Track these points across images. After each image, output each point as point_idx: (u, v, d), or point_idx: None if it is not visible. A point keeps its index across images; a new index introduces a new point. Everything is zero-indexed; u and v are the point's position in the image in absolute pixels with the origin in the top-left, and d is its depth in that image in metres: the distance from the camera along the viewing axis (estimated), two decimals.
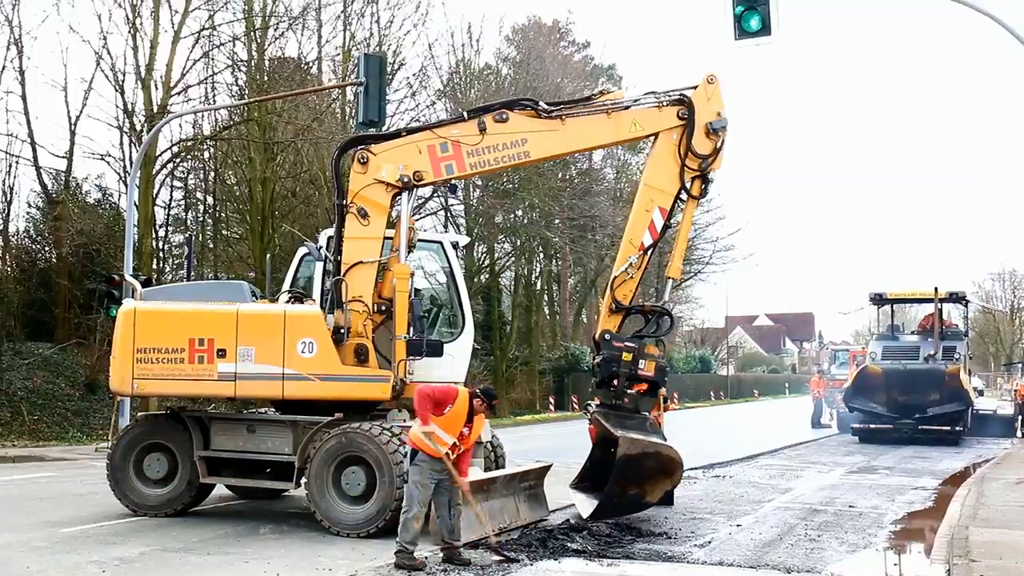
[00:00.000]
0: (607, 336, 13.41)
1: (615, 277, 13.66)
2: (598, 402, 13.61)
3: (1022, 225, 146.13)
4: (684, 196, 13.80)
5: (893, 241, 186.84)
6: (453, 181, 14.21)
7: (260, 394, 13.77)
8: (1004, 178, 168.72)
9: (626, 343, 13.33)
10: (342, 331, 13.13)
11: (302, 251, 14.92)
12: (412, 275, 13.42)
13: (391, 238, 13.67)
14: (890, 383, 30.68)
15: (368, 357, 13.17)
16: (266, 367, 13.11)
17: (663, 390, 14.17)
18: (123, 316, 13.65)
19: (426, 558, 10.62)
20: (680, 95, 13.71)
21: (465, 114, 13.92)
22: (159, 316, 13.62)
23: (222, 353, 13.18)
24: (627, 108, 13.83)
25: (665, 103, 13.75)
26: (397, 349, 13.10)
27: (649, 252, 13.75)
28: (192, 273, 16.15)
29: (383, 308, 13.42)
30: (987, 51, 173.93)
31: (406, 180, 13.43)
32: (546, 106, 13.78)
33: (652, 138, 13.95)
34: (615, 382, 13.30)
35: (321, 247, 14.27)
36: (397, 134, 14.12)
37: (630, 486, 12.92)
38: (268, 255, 23.44)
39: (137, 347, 13.41)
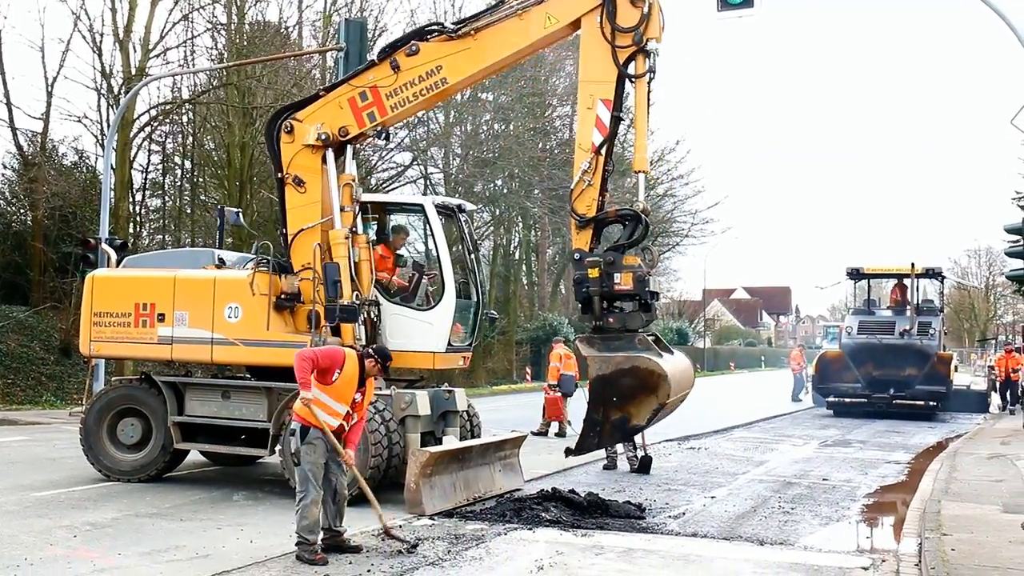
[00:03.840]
0: (577, 256, 12.09)
1: (572, 189, 12.42)
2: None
3: (998, 202, 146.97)
4: (630, 82, 12.15)
5: (870, 216, 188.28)
6: (379, 127, 13.55)
7: (192, 358, 14.06)
8: (981, 155, 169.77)
9: (591, 258, 11.90)
10: (283, 296, 13.25)
11: None
12: (351, 239, 13.32)
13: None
14: (865, 357, 30.96)
15: (320, 323, 13.19)
16: (198, 331, 13.58)
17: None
18: (87, 282, 14.53)
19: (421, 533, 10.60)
20: None
21: (375, 58, 13.43)
22: (111, 282, 14.45)
23: (161, 317, 13.79)
24: (540, 3, 12.55)
25: None
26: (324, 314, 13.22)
27: (603, 151, 12.08)
28: (222, 244, 16.30)
29: None
30: (968, 28, 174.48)
31: (325, 138, 13.29)
32: (453, 25, 12.99)
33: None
34: (594, 304, 11.89)
35: (239, 211, 15.04)
36: (316, 96, 13.85)
37: (612, 410, 11.66)
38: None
39: (94, 311, 14.17)
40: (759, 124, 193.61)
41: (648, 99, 12.23)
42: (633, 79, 12.09)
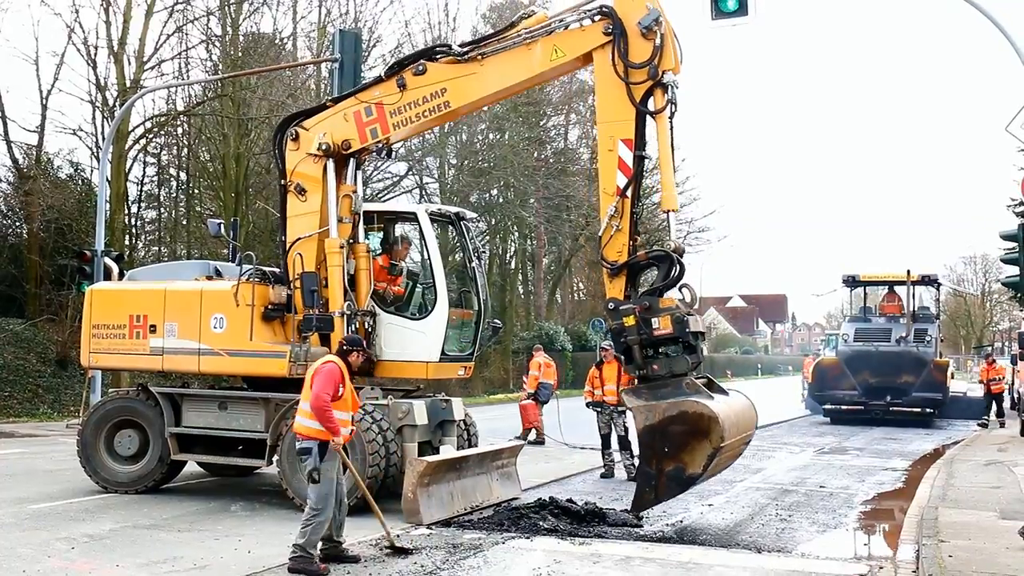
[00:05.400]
0: (611, 306, 11.61)
1: (600, 237, 11.90)
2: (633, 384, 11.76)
3: (993, 210, 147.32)
4: (650, 118, 11.78)
5: (866, 224, 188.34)
6: (380, 144, 13.53)
7: (182, 368, 14.22)
8: (977, 162, 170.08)
9: (625, 306, 11.45)
10: (270, 307, 13.31)
11: None
12: (347, 248, 13.38)
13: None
14: (861, 365, 30.98)
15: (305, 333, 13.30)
16: (186, 342, 13.71)
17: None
18: (87, 295, 14.81)
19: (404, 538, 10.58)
20: (601, 6, 11.95)
21: (383, 74, 13.47)
22: (108, 295, 14.68)
23: (153, 329, 13.93)
24: (550, 33, 12.31)
25: (587, 19, 12.10)
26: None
27: (629, 193, 11.68)
28: (235, 256, 16.35)
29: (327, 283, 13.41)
30: (964, 36, 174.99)
31: (326, 148, 13.33)
32: (460, 48, 12.92)
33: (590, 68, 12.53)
34: (635, 353, 11.46)
35: (221, 223, 15.30)
36: (324, 106, 13.93)
37: (665, 461, 11.04)
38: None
39: (92, 323, 14.33)
40: (755, 132, 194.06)
41: (672, 134, 11.78)
42: (653, 115, 11.70)
